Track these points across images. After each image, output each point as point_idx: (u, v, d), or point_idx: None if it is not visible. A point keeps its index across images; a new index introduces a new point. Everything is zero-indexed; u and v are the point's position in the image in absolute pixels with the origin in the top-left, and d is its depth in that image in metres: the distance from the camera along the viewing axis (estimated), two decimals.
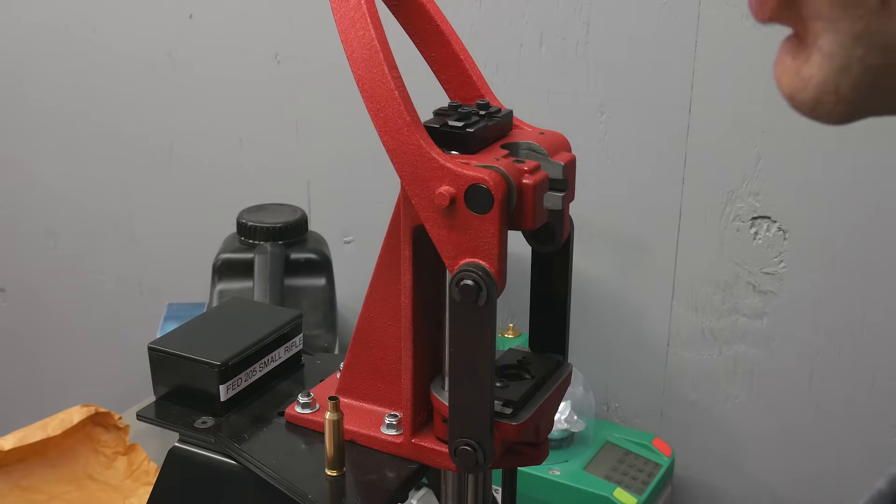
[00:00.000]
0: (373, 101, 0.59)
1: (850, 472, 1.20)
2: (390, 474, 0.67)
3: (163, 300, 1.49)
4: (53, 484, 1.17)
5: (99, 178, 1.65)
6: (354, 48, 0.60)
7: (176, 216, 1.60)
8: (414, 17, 0.69)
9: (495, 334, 0.60)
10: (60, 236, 1.72)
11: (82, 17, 1.56)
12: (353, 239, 1.45)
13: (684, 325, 1.23)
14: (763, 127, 1.12)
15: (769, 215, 1.15)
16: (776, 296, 1.17)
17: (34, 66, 1.64)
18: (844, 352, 1.16)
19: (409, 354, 0.65)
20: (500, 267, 0.58)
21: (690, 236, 1.20)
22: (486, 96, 0.68)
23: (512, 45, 1.23)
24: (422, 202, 0.59)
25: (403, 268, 0.63)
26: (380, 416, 0.70)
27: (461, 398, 0.61)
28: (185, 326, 0.78)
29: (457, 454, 0.62)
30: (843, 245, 1.12)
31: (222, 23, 1.45)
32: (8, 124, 1.70)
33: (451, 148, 0.61)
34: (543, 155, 0.63)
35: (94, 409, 1.18)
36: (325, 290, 1.24)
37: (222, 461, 0.71)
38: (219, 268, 1.22)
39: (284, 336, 0.79)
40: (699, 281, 1.21)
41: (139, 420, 0.74)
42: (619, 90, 1.19)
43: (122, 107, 1.58)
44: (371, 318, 0.69)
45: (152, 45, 1.51)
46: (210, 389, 0.73)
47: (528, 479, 1.06)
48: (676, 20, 1.13)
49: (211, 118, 1.51)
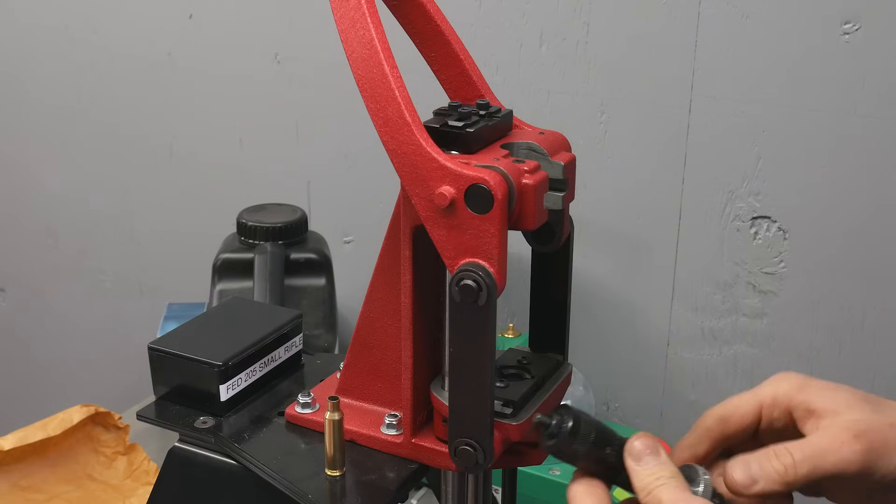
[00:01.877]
0: (373, 101, 0.59)
1: None
2: (390, 474, 0.67)
3: (163, 300, 1.49)
4: (53, 484, 1.17)
5: (99, 178, 1.65)
6: (354, 48, 0.60)
7: (176, 216, 1.60)
8: (414, 16, 0.69)
9: (495, 334, 0.60)
10: (60, 236, 1.72)
11: (82, 17, 1.56)
12: (353, 239, 1.45)
13: (684, 325, 1.23)
14: (763, 127, 1.12)
15: (769, 215, 1.15)
16: (776, 296, 1.17)
17: (34, 66, 1.64)
18: (844, 352, 1.16)
19: (409, 354, 0.65)
20: (501, 267, 0.58)
21: (690, 236, 1.20)
22: (486, 96, 0.68)
23: (512, 45, 1.23)
24: (422, 202, 0.59)
25: (403, 268, 0.63)
26: (380, 416, 0.70)
27: (461, 398, 0.61)
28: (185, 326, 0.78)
29: (457, 454, 0.62)
30: (843, 245, 1.12)
31: (222, 23, 1.45)
32: (8, 124, 1.70)
33: (451, 148, 0.61)
34: (543, 155, 0.63)
35: (94, 409, 1.18)
36: (325, 290, 1.24)
37: (222, 461, 0.71)
38: (219, 268, 1.22)
39: (284, 336, 0.79)
40: (699, 281, 1.21)
41: (139, 420, 0.74)
42: (619, 90, 1.19)
43: (121, 107, 1.58)
44: (371, 318, 0.69)
45: (152, 45, 1.51)
46: (210, 389, 0.73)
47: (528, 479, 1.06)
48: (676, 20, 1.13)
49: (211, 118, 1.51)
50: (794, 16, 1.07)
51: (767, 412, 0.63)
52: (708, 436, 0.64)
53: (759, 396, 0.64)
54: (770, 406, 0.63)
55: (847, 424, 0.59)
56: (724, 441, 0.65)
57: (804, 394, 0.62)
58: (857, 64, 1.06)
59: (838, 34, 1.06)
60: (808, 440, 0.59)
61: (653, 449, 0.59)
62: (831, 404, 0.60)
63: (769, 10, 1.09)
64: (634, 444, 0.59)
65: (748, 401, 0.64)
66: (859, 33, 1.05)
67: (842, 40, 1.06)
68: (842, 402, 0.60)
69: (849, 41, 1.06)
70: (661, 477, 0.57)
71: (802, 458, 0.58)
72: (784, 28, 1.08)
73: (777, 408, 0.63)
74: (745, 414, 0.64)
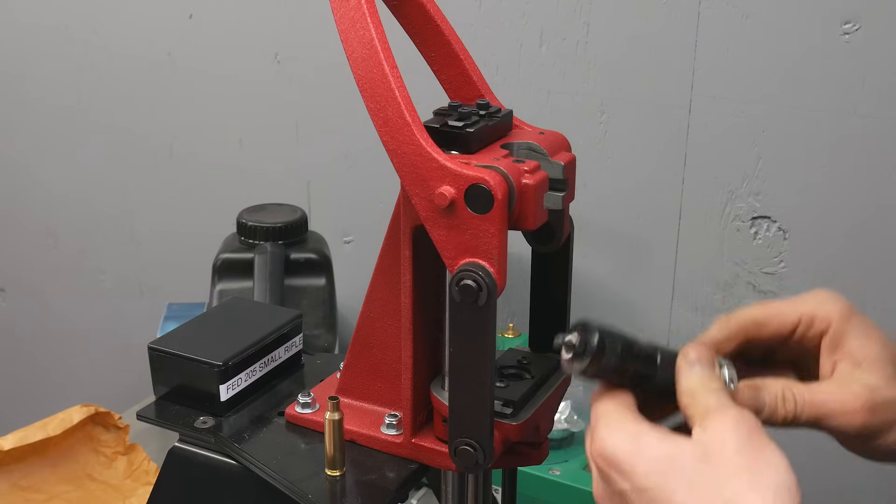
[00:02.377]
0: (373, 101, 0.59)
1: (850, 471, 1.20)
2: (390, 474, 0.67)
3: (163, 300, 1.49)
4: (53, 484, 1.17)
5: (99, 178, 1.65)
6: (354, 48, 0.60)
7: (176, 216, 1.60)
8: (414, 16, 0.69)
9: (495, 334, 0.60)
10: (60, 236, 1.72)
11: (82, 17, 1.56)
12: (353, 239, 1.45)
13: (684, 325, 1.23)
14: (763, 127, 1.12)
15: (769, 215, 1.15)
16: (776, 296, 1.17)
17: (34, 66, 1.64)
18: None
19: (409, 354, 0.65)
20: (501, 267, 0.58)
21: (690, 236, 1.20)
22: (486, 96, 0.68)
23: (512, 45, 1.23)
24: (422, 202, 0.59)
25: (403, 268, 0.63)
26: (380, 416, 0.70)
27: (461, 398, 0.61)
28: (185, 326, 0.78)
29: (457, 454, 0.62)
30: (843, 245, 1.12)
31: (222, 23, 1.45)
32: (8, 124, 1.70)
33: (451, 148, 0.61)
34: (543, 155, 0.63)
35: (94, 409, 1.18)
36: (325, 290, 1.24)
37: (222, 461, 0.71)
38: (219, 268, 1.22)
39: (284, 336, 0.79)
40: (699, 281, 1.21)
41: (139, 420, 0.74)
42: (619, 90, 1.19)
43: (122, 107, 1.58)
44: (371, 318, 0.69)
45: (152, 45, 1.51)
46: (210, 389, 0.73)
47: (528, 479, 1.06)
48: (676, 20, 1.13)
49: (211, 118, 1.51)
50: (794, 16, 1.07)
51: (802, 329, 0.63)
52: (739, 336, 0.64)
53: (800, 311, 0.63)
54: (806, 325, 0.63)
55: (860, 391, 0.59)
56: (750, 343, 0.64)
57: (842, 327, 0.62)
58: (857, 64, 1.06)
59: (838, 34, 1.06)
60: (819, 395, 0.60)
61: (708, 360, 0.59)
62: (859, 352, 0.61)
63: (769, 10, 1.09)
64: (690, 351, 0.59)
65: (788, 313, 0.63)
66: (859, 33, 1.05)
67: (842, 40, 1.06)
68: (870, 356, 0.61)
69: (849, 41, 1.06)
70: (712, 387, 0.57)
71: (808, 413, 0.60)
72: (784, 28, 1.08)
73: (812, 329, 0.63)
74: (782, 325, 0.63)
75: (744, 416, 0.54)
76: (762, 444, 0.53)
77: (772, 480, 0.51)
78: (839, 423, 0.60)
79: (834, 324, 0.62)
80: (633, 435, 0.55)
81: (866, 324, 0.63)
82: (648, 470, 0.53)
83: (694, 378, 0.57)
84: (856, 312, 0.63)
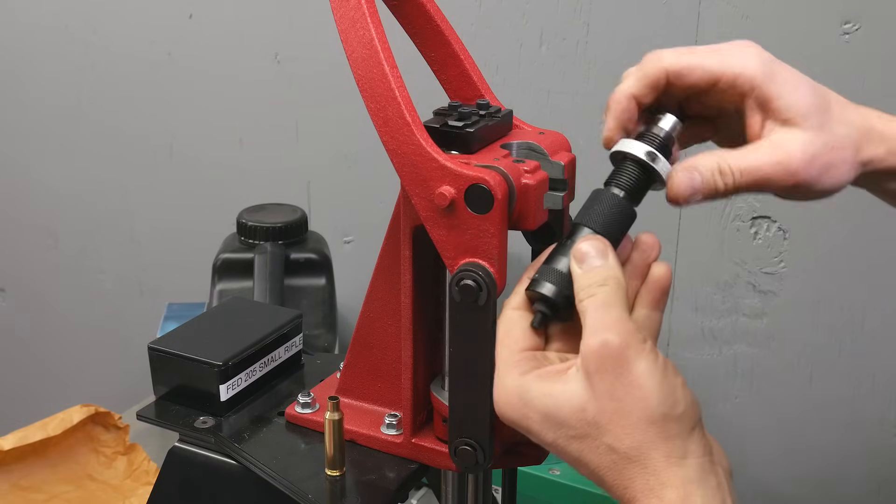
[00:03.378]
0: (373, 101, 0.59)
1: (850, 471, 1.20)
2: (390, 474, 0.67)
3: (163, 300, 1.49)
4: (53, 484, 1.17)
5: (99, 178, 1.64)
6: (354, 48, 0.60)
7: (176, 216, 1.60)
8: (414, 16, 0.69)
9: (495, 334, 0.60)
10: (60, 236, 1.72)
11: (82, 17, 1.56)
12: (353, 239, 1.45)
13: (684, 325, 1.23)
14: None
15: (769, 215, 1.15)
16: (776, 296, 1.17)
17: (34, 66, 1.64)
18: (844, 351, 1.16)
19: (409, 354, 0.65)
20: (501, 267, 0.58)
21: (690, 236, 1.20)
22: (486, 96, 0.68)
23: (512, 45, 1.23)
24: (422, 202, 0.59)
25: (403, 268, 0.63)
26: (380, 416, 0.70)
27: (461, 398, 0.61)
28: (185, 326, 0.78)
29: (457, 454, 0.62)
30: (843, 245, 1.12)
31: (222, 23, 1.45)
32: (8, 124, 1.70)
33: (451, 148, 0.61)
34: (543, 155, 0.63)
35: (94, 408, 1.18)
36: (325, 290, 1.24)
37: (222, 461, 0.71)
38: (219, 268, 1.22)
39: (284, 336, 0.79)
40: (699, 281, 1.20)
41: (139, 420, 0.74)
42: None
43: (122, 107, 1.58)
44: (371, 318, 0.69)
45: (152, 45, 1.51)
46: (210, 389, 0.73)
47: (528, 479, 1.06)
48: (676, 20, 1.13)
49: (211, 118, 1.51)
50: (794, 16, 1.07)
51: (724, 86, 0.61)
52: (657, 86, 0.62)
53: (723, 66, 0.61)
54: (728, 82, 0.61)
55: (793, 148, 0.59)
56: (668, 93, 0.62)
57: (767, 85, 0.60)
58: (858, 64, 1.06)
59: (838, 34, 1.06)
60: (754, 162, 0.60)
61: (599, 251, 0.57)
62: (786, 110, 0.60)
63: (769, 10, 1.08)
64: (581, 245, 0.57)
65: (710, 67, 0.61)
66: (859, 33, 1.05)
67: (842, 40, 1.06)
68: (798, 110, 0.60)
69: (849, 41, 1.06)
70: (592, 285, 0.56)
71: (746, 180, 0.60)
72: (784, 28, 1.08)
73: (735, 88, 0.61)
74: (702, 78, 0.61)
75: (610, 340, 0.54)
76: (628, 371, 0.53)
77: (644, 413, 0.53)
78: (778, 185, 0.60)
79: (758, 82, 0.60)
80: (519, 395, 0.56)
81: (790, 75, 0.62)
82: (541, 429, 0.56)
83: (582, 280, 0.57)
84: (778, 65, 0.62)
